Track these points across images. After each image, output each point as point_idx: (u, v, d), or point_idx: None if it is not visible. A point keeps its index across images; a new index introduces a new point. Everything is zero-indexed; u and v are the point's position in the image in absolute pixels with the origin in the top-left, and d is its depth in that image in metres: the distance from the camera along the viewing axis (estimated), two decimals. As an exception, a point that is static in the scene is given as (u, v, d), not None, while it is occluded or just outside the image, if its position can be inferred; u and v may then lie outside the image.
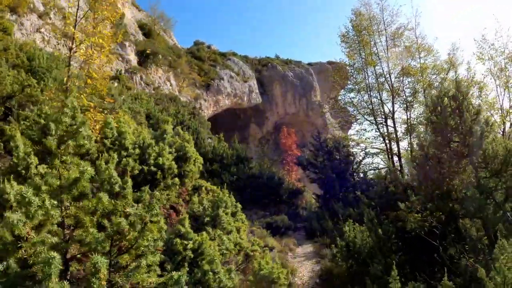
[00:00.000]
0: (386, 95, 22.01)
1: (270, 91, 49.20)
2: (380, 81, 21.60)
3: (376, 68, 21.92)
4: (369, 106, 20.52)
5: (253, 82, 46.74)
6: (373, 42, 22.14)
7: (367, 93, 20.64)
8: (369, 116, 20.64)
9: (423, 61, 21.68)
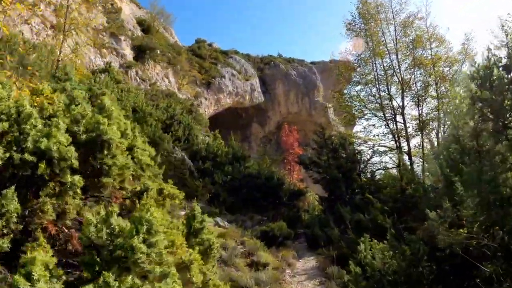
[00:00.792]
0: (394, 89, 19.82)
1: (273, 90, 47.03)
2: (389, 74, 19.41)
3: (384, 60, 19.74)
4: (378, 101, 18.28)
5: (255, 81, 44.61)
6: (381, 33, 19.98)
7: (376, 86, 18.40)
8: (378, 112, 18.42)
9: (434, 52, 19.47)
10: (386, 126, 17.93)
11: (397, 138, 18.49)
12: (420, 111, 18.70)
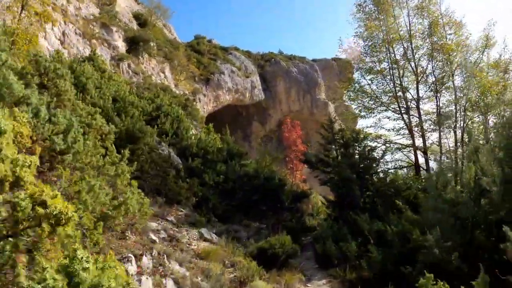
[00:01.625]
0: (407, 80, 17.25)
1: (273, 87, 44.43)
2: (401, 64, 16.84)
3: (395, 48, 17.19)
4: (392, 89, 15.69)
5: (255, 78, 42.03)
6: (392, 19, 17.43)
7: (390, 74, 15.83)
8: (392, 103, 15.85)
9: (453, 39, 16.88)
10: (401, 119, 15.35)
11: (412, 134, 15.96)
12: (438, 103, 16.16)
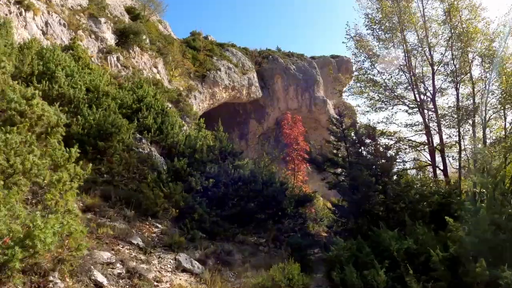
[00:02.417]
0: (421, 70, 15.03)
1: (271, 85, 42.14)
2: (417, 51, 14.63)
3: (407, 36, 14.97)
4: (407, 81, 13.47)
5: (252, 75, 39.74)
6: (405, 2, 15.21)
7: (406, 62, 13.58)
8: (408, 94, 13.62)
9: (472, 24, 14.67)
10: (419, 113, 13.13)
11: (429, 130, 13.76)
12: (458, 97, 13.97)
